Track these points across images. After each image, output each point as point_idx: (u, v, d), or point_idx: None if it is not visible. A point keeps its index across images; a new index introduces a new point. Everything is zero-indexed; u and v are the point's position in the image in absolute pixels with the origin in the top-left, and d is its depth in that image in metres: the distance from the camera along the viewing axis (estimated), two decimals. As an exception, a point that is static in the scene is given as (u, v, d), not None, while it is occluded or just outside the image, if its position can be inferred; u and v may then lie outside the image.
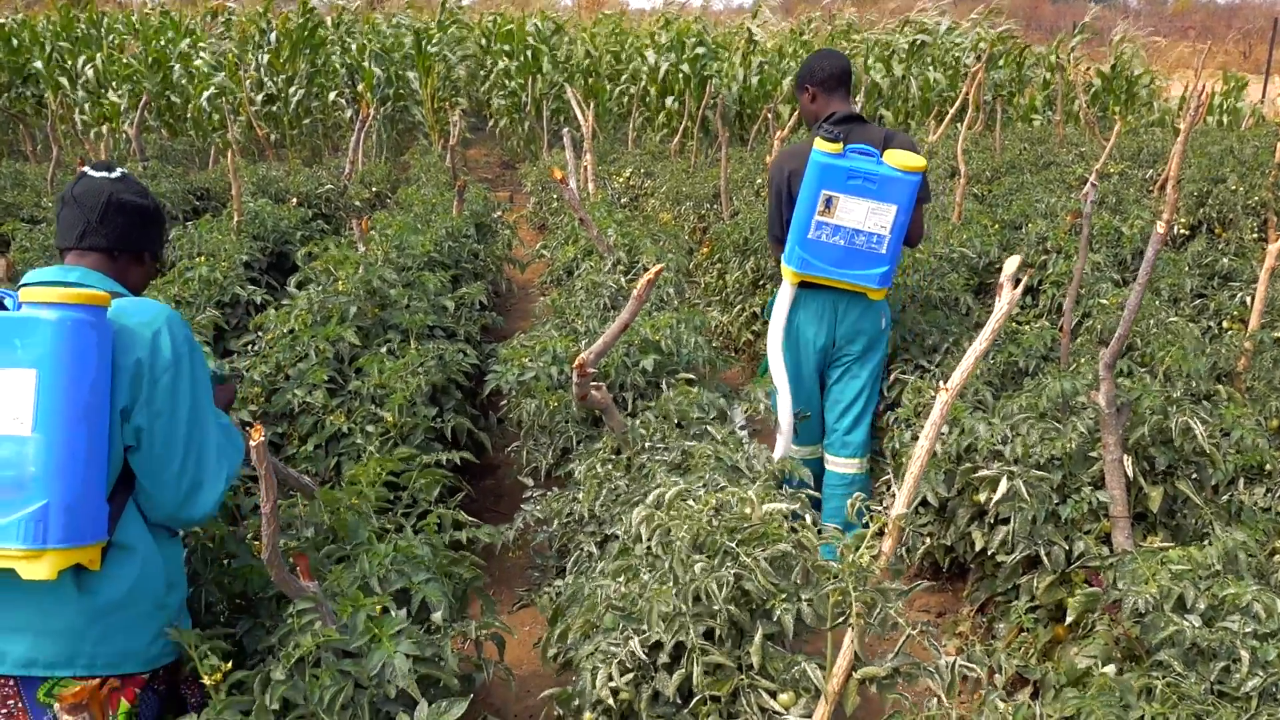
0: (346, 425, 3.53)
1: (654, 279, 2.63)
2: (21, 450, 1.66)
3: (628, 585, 2.07)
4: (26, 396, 1.66)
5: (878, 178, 3.38)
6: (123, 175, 2.06)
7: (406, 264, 4.49)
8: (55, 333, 1.67)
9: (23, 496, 1.66)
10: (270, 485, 1.83)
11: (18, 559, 1.66)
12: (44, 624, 1.78)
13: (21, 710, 1.80)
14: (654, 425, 2.89)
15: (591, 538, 2.82)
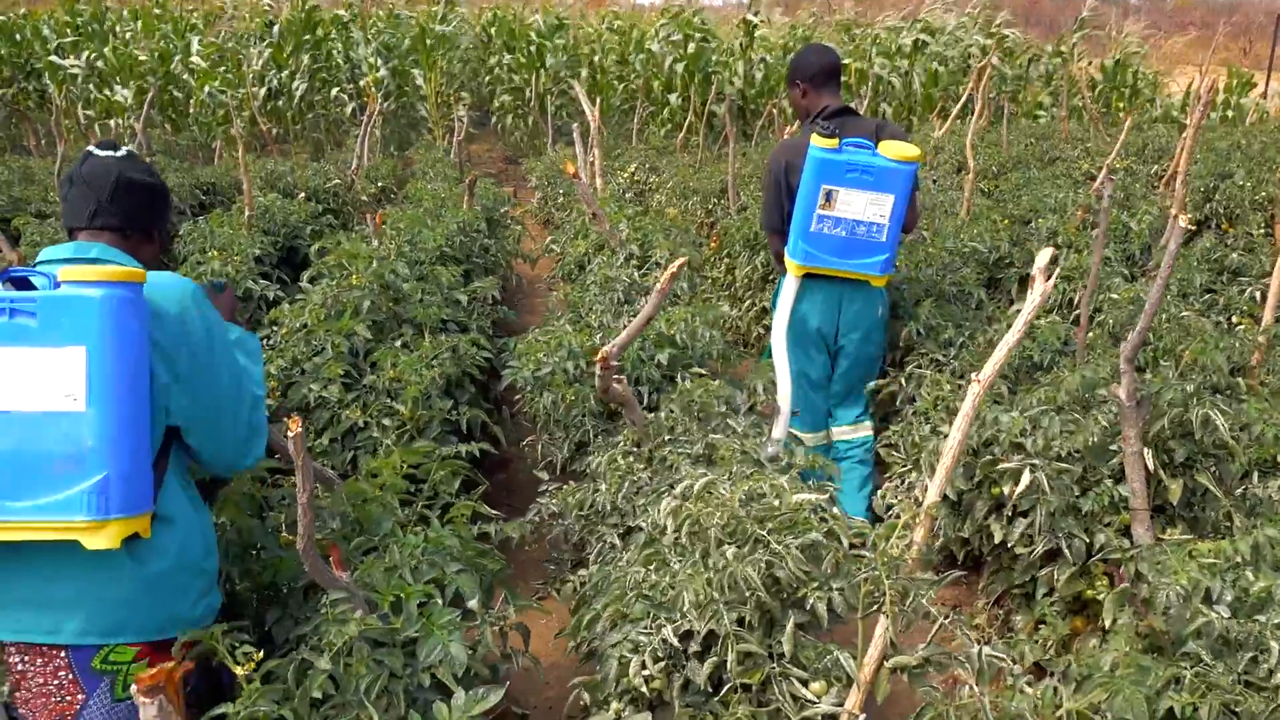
0: (362, 419, 3.54)
1: (677, 273, 2.64)
2: (77, 426, 1.70)
3: (657, 574, 2.08)
4: (78, 373, 1.69)
5: (875, 169, 3.49)
6: (129, 154, 2.06)
7: (419, 258, 4.50)
8: (102, 310, 1.70)
9: (82, 470, 1.70)
10: (307, 475, 1.84)
11: (82, 530, 1.70)
12: (98, 595, 1.83)
13: (72, 681, 1.86)
14: (677, 418, 2.89)
15: (614, 529, 2.83)
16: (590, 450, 3.59)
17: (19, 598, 1.84)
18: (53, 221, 6.35)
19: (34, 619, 1.84)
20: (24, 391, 1.70)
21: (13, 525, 1.72)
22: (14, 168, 8.10)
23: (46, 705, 1.88)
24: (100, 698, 1.89)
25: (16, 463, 1.71)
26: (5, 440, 1.71)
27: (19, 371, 1.70)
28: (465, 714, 1.75)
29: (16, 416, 1.71)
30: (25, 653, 1.87)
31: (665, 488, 2.72)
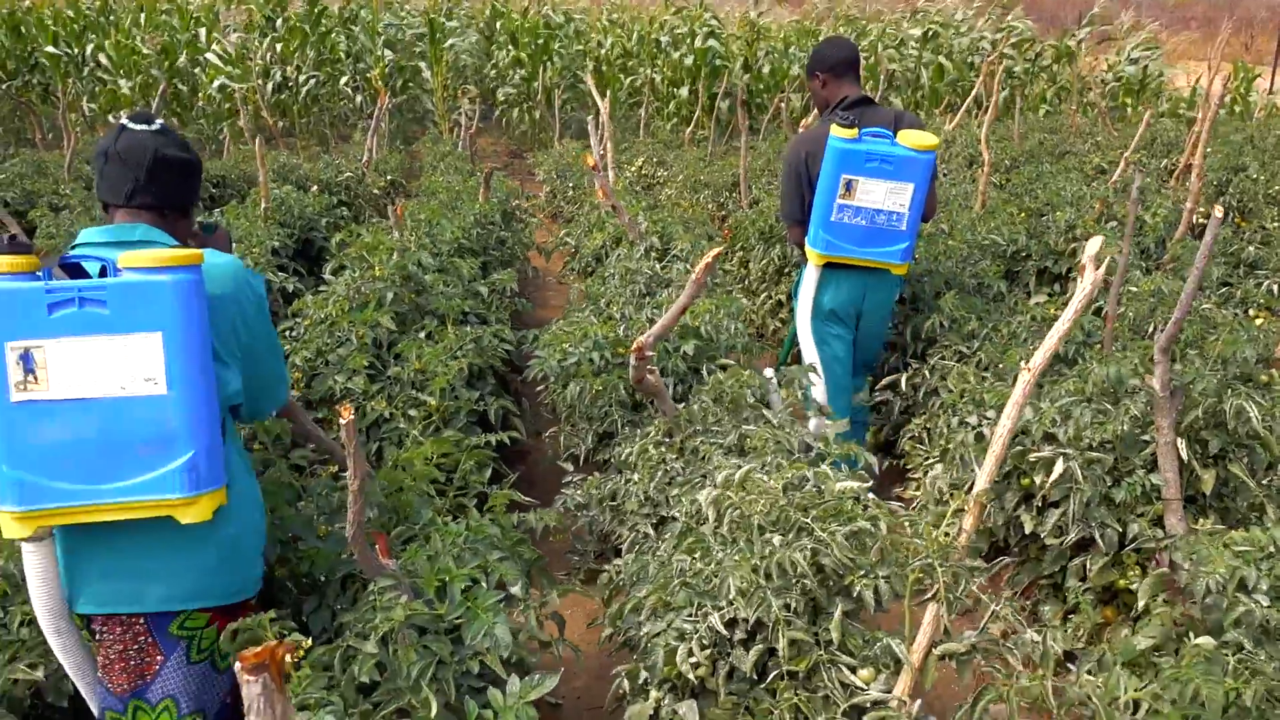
0: (388, 410, 3.54)
1: (712, 263, 2.64)
2: (161, 408, 1.75)
3: (701, 562, 2.08)
4: (156, 358, 1.73)
5: (894, 159, 3.54)
6: (162, 128, 2.05)
7: (438, 250, 4.50)
8: (174, 295, 1.74)
9: (169, 450, 1.76)
10: (359, 463, 1.84)
11: (177, 506, 1.78)
12: (179, 564, 1.91)
13: (151, 644, 1.95)
14: (709, 409, 2.90)
15: (646, 519, 2.84)
16: (617, 441, 3.59)
17: (105, 571, 1.90)
18: (65, 215, 6.34)
19: (119, 590, 1.91)
20: (103, 378, 1.73)
21: (106, 507, 1.77)
22: (27, 160, 8.08)
23: (125, 669, 1.95)
24: (177, 659, 1.96)
25: (102, 447, 1.75)
26: (89, 427, 1.74)
27: (95, 359, 1.73)
28: (520, 699, 1.75)
29: (97, 403, 1.74)
30: (106, 622, 1.94)
31: (698, 478, 2.73)
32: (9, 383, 1.72)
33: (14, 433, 1.74)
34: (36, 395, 1.72)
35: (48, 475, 1.74)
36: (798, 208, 3.86)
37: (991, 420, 3.04)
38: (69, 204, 6.79)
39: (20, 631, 2.37)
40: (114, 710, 1.99)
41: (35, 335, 1.71)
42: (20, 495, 1.75)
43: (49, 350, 1.71)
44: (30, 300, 1.70)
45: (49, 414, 1.73)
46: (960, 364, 3.76)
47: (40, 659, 2.32)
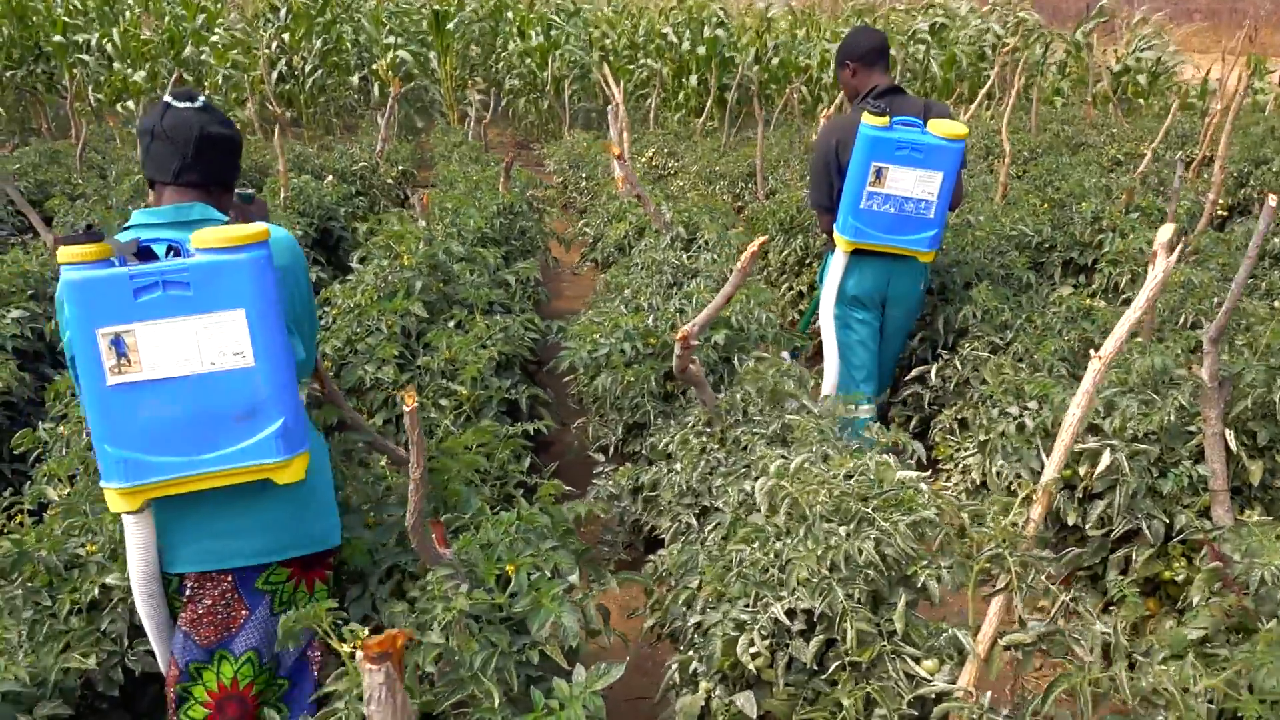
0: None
1: (758, 251, 2.62)
2: (250, 380, 1.84)
3: (760, 552, 2.06)
4: (242, 332, 1.81)
5: (925, 147, 3.56)
6: (205, 105, 2.08)
7: (465, 239, 4.47)
8: (252, 271, 1.81)
9: (261, 419, 1.86)
10: (421, 451, 1.82)
11: (274, 469, 1.89)
12: (269, 520, 2.02)
13: (237, 599, 2.07)
14: (750, 398, 2.88)
15: (689, 509, 2.82)
16: (650, 431, 3.58)
17: (200, 533, 2.01)
18: (80, 204, 6.31)
19: (213, 549, 2.02)
20: (193, 356, 1.81)
21: (207, 476, 1.87)
22: (40, 150, 8.04)
23: (213, 622, 2.07)
24: (261, 612, 2.09)
25: (198, 421, 1.84)
26: (183, 403, 1.82)
27: (184, 338, 1.80)
28: (587, 689, 1.74)
29: (190, 380, 1.81)
30: (198, 580, 2.05)
31: (742, 468, 2.71)
32: (104, 367, 1.78)
33: (114, 414, 1.81)
34: (132, 377, 1.79)
35: (149, 451, 1.82)
36: (826, 195, 3.89)
37: (1032, 411, 3.02)
38: (84, 193, 6.76)
39: (70, 621, 2.36)
40: (198, 660, 2.09)
41: (124, 320, 1.77)
42: (125, 472, 1.83)
43: (139, 333, 1.78)
44: (116, 286, 1.76)
45: (145, 393, 1.80)
46: (994, 355, 3.74)
47: (92, 648, 2.31)
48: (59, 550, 2.41)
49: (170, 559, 2.04)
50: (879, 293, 3.93)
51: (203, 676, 2.11)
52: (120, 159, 8.36)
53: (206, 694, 2.11)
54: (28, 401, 4.22)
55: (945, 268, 4.41)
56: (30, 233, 6.51)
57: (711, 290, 4.02)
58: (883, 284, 3.90)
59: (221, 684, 2.10)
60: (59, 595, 2.37)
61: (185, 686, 2.12)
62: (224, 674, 2.09)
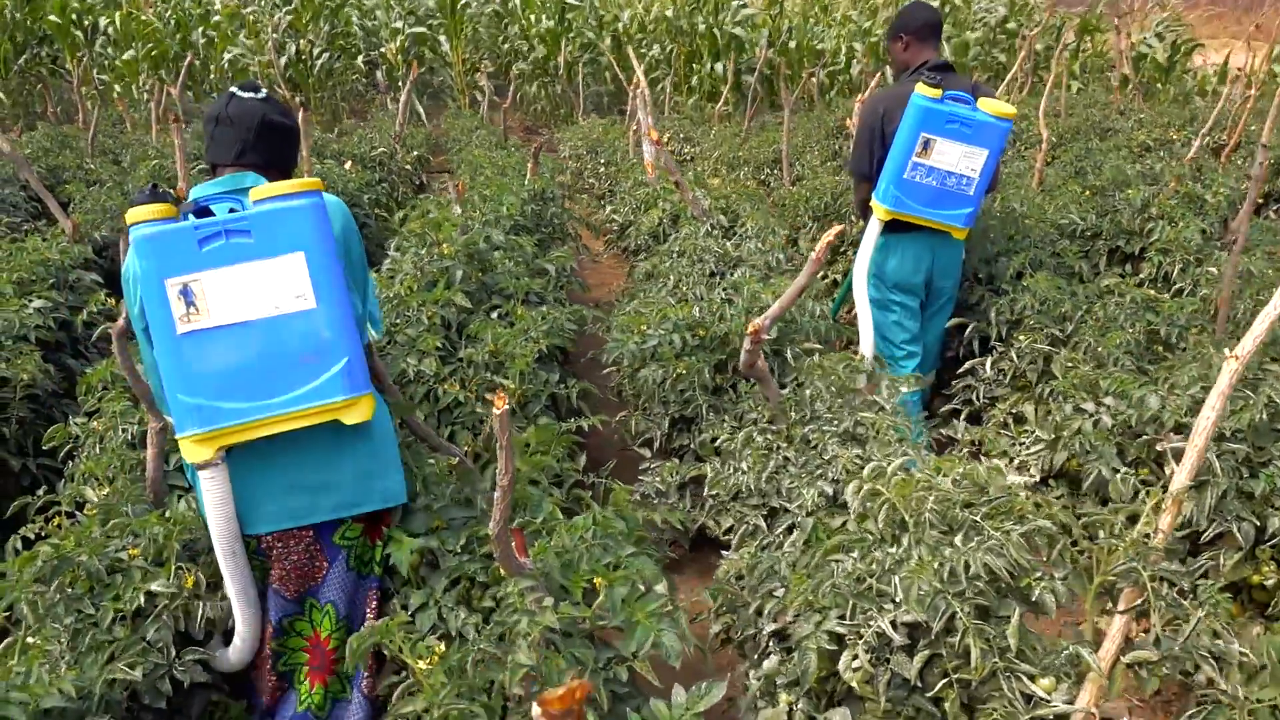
0: (462, 394, 3.40)
1: (832, 241, 2.49)
2: (312, 321, 1.90)
3: (862, 563, 1.94)
4: (302, 275, 1.88)
5: (974, 123, 3.58)
6: (267, 96, 2.20)
7: (501, 226, 4.34)
8: (310, 215, 1.90)
9: (325, 359, 1.91)
10: (509, 458, 1.70)
11: (340, 409, 1.93)
12: (342, 475, 2.09)
13: (318, 551, 2.15)
14: (821, 394, 2.76)
15: (756, 510, 2.70)
16: (701, 427, 3.46)
17: (278, 490, 2.07)
18: (97, 190, 6.17)
19: (293, 507, 2.08)
20: (257, 301, 1.88)
21: (278, 418, 1.92)
22: (52, 135, 7.89)
23: (299, 575, 2.16)
24: (339, 566, 2.17)
25: (265, 364, 1.89)
26: (250, 347, 1.89)
27: (247, 284, 1.87)
28: (688, 712, 1.62)
29: (255, 324, 1.88)
30: (281, 538, 2.13)
31: (815, 468, 2.59)
32: (174, 317, 1.87)
33: (184, 362, 1.88)
34: (200, 325, 1.87)
35: (221, 397, 1.88)
36: (867, 163, 3.88)
37: (1110, 408, 2.90)
38: (98, 179, 6.62)
39: (114, 630, 2.25)
40: (290, 614, 2.20)
41: (190, 270, 1.87)
42: (199, 419, 1.89)
43: (205, 281, 1.87)
44: (181, 238, 1.86)
45: (214, 340, 1.88)
46: (1053, 348, 3.62)
47: (138, 658, 2.20)
48: (100, 554, 2.30)
49: (253, 519, 2.09)
50: (922, 274, 3.90)
51: (296, 627, 2.21)
52: (132, 144, 8.19)
53: (303, 640, 2.21)
54: (51, 394, 4.11)
55: (994, 257, 4.28)
56: (43, 219, 6.37)
57: (758, 280, 3.90)
58: (926, 264, 3.89)
59: (317, 631, 2.21)
60: (101, 603, 2.26)
61: (281, 642, 2.22)
62: (315, 620, 2.19)
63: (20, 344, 3.97)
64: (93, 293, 4.82)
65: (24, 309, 4.14)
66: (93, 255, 4.99)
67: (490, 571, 2.18)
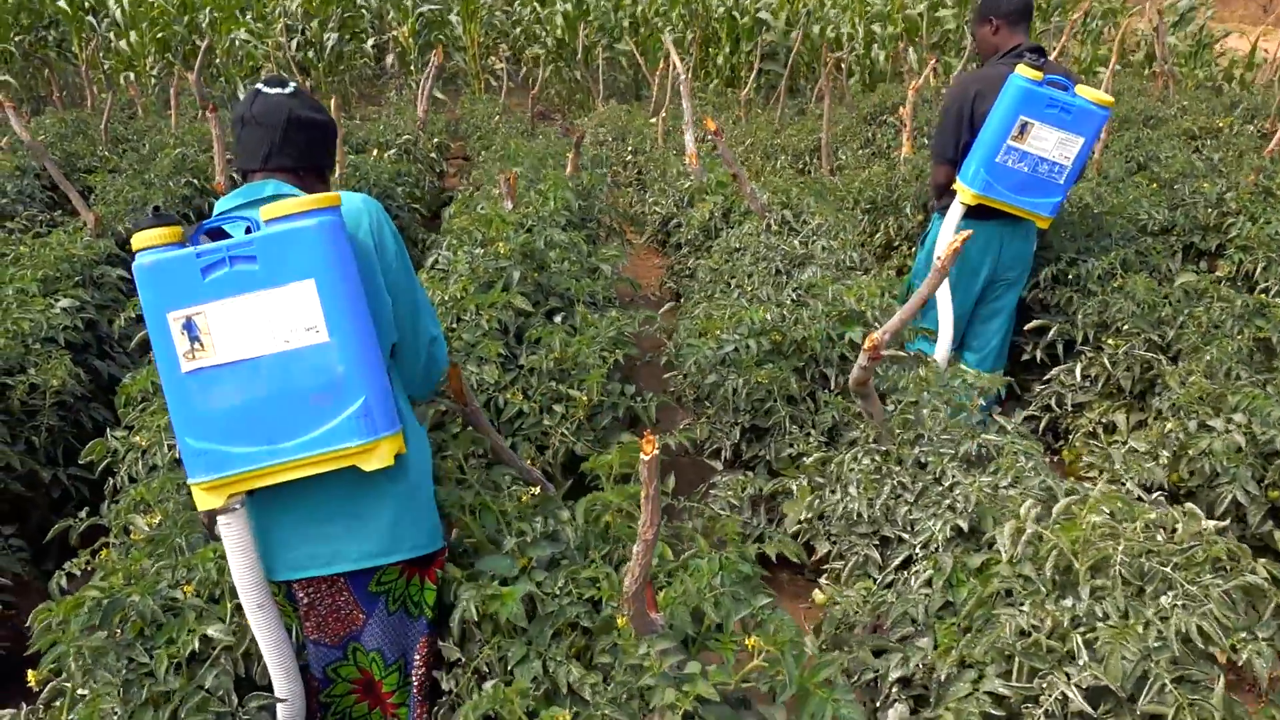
0: (526, 404, 3.17)
1: (959, 248, 2.26)
2: (325, 356, 1.71)
3: (1034, 618, 1.72)
4: (313, 305, 1.69)
5: (1074, 109, 3.48)
6: (296, 91, 2.03)
7: (557, 224, 4.10)
8: (319, 238, 1.69)
9: (340, 398, 1.72)
10: (655, 510, 1.48)
11: (356, 454, 1.74)
12: (367, 520, 1.91)
13: (353, 603, 1.98)
14: (939, 411, 2.53)
15: (866, 540, 2.49)
16: (779, 439, 3.25)
17: (300, 537, 1.91)
18: (118, 179, 5.92)
19: (316, 554, 1.92)
20: (264, 335, 1.71)
21: (290, 464, 1.74)
22: (68, 120, 7.62)
23: (336, 620, 2.00)
24: (379, 614, 2.00)
25: (275, 405, 1.72)
26: (259, 386, 1.71)
27: (254, 317, 1.70)
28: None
29: (264, 361, 1.71)
30: (309, 586, 1.97)
31: (937, 496, 2.37)
32: (178, 354, 1.72)
33: (190, 403, 1.73)
34: (205, 362, 1.71)
35: (229, 441, 1.73)
36: (952, 146, 3.75)
37: (1239, 425, 2.68)
38: (117, 167, 6.37)
39: (169, 678, 2.04)
40: (333, 661, 2.04)
41: (194, 302, 1.70)
42: (207, 464, 1.74)
43: (209, 314, 1.70)
44: (183, 267, 1.70)
45: (220, 379, 1.72)
46: (1152, 355, 3.40)
47: (197, 712, 1.98)
48: (153, 593, 2.08)
49: (276, 566, 1.95)
50: (987, 262, 3.80)
51: (341, 673, 2.06)
52: (148, 131, 7.93)
53: (350, 685, 2.08)
54: (79, 398, 3.89)
55: (1076, 256, 4.05)
56: (59, 209, 6.13)
57: (831, 280, 3.67)
58: (993, 252, 3.78)
59: (361, 669, 2.05)
60: (155, 649, 2.05)
61: (328, 693, 2.07)
62: (361, 662, 2.04)
63: (49, 346, 3.75)
64: (118, 290, 4.59)
65: (50, 309, 3.91)
66: (116, 250, 4.76)
67: (598, 618, 1.97)
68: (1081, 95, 3.50)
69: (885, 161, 7.41)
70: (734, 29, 13.47)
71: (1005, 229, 3.74)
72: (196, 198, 5.89)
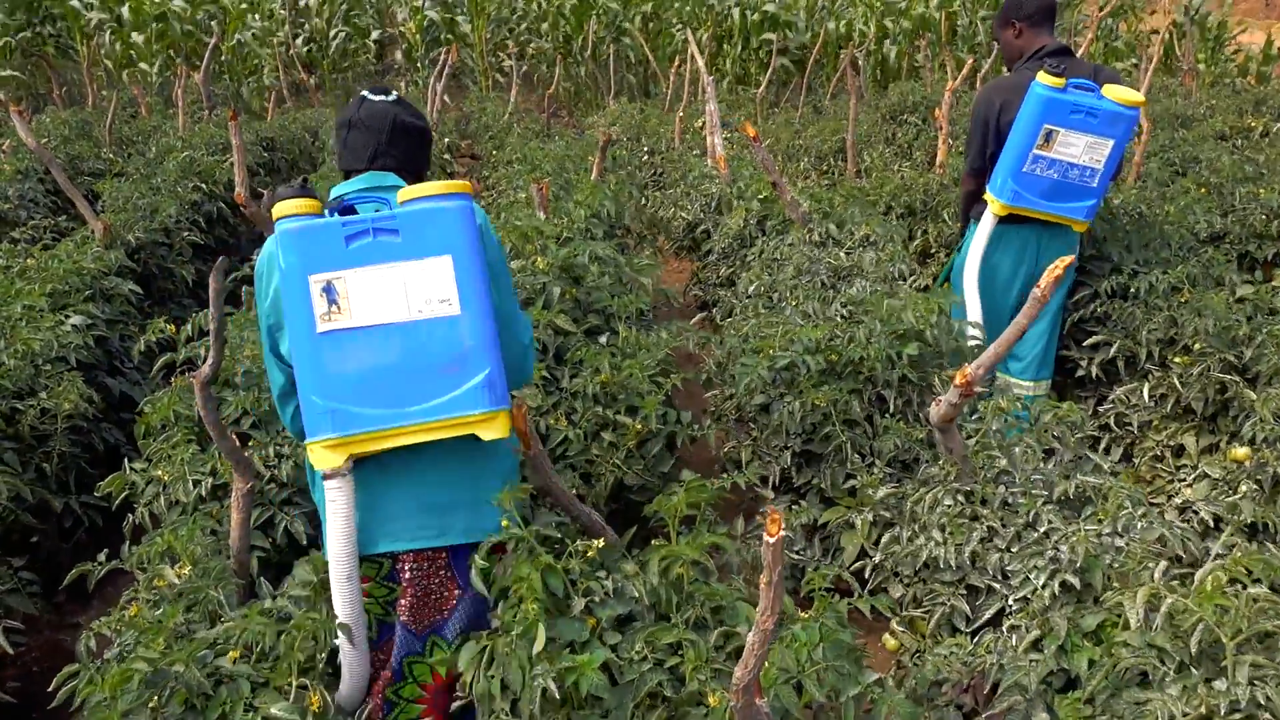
0: (571, 431, 2.99)
1: (1060, 275, 2.08)
2: (455, 329, 1.81)
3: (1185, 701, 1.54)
4: (449, 280, 1.80)
5: (1100, 112, 3.40)
6: (398, 99, 2.14)
7: (592, 234, 3.91)
8: (459, 218, 1.83)
9: (466, 369, 1.81)
10: (778, 596, 1.29)
11: (478, 423, 1.82)
12: (475, 493, 1.97)
13: (450, 579, 2.01)
14: (1032, 451, 2.35)
15: (952, 589, 2.30)
16: (835, 466, 3.06)
17: (410, 508, 1.96)
18: (123, 184, 5.72)
19: (426, 525, 1.96)
20: (401, 303, 1.80)
21: (414, 428, 1.81)
22: (71, 121, 7.41)
23: (428, 604, 2.01)
24: (471, 592, 2.00)
25: (404, 370, 1.80)
26: (391, 351, 1.80)
27: (392, 286, 1.80)
28: None
29: (397, 328, 1.80)
30: (415, 559, 2.00)
31: (1033, 545, 2.19)
32: (315, 314, 1.80)
33: (322, 363, 1.81)
34: (340, 324, 1.80)
35: (356, 402, 1.80)
36: (981, 157, 3.70)
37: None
38: (123, 171, 6.17)
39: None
40: (413, 654, 2.03)
41: (336, 267, 1.80)
42: (334, 423, 1.80)
43: (349, 280, 1.80)
44: (329, 234, 1.81)
45: (353, 342, 1.80)
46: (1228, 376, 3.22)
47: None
48: (196, 660, 1.89)
49: (385, 535, 1.98)
50: (1025, 266, 3.71)
51: (414, 671, 2.04)
52: (153, 132, 7.72)
53: (420, 689, 2.05)
54: (91, 419, 3.70)
55: (1136, 268, 3.86)
56: (64, 214, 5.92)
57: (884, 295, 3.48)
58: (1030, 258, 3.70)
59: (436, 675, 2.02)
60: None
61: (396, 689, 2.04)
62: (438, 665, 2.00)
63: (59, 367, 3.56)
64: (129, 304, 4.40)
65: (60, 326, 3.72)
66: (127, 262, 4.57)
67: (682, 689, 1.79)
68: (1108, 96, 3.40)
69: (910, 163, 7.22)
70: (745, 26, 13.25)
71: (1042, 236, 3.66)
72: (206, 203, 5.69)
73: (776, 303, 3.78)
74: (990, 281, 3.72)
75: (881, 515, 2.79)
